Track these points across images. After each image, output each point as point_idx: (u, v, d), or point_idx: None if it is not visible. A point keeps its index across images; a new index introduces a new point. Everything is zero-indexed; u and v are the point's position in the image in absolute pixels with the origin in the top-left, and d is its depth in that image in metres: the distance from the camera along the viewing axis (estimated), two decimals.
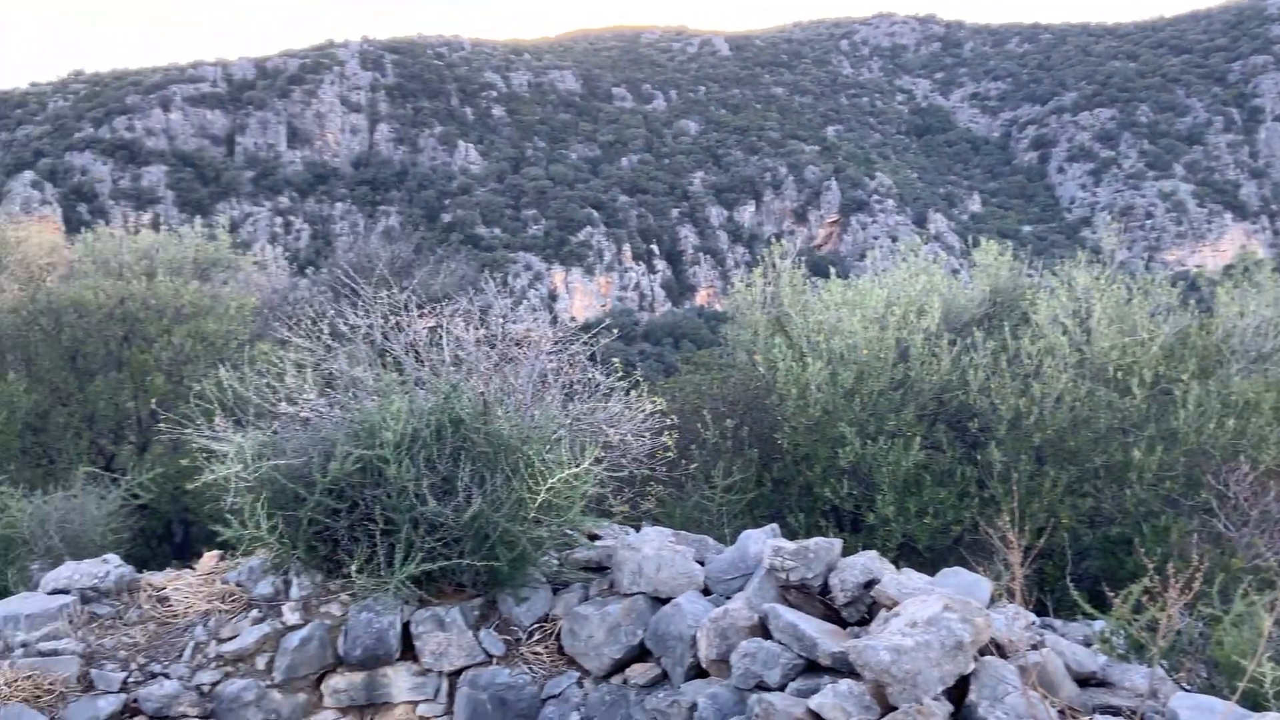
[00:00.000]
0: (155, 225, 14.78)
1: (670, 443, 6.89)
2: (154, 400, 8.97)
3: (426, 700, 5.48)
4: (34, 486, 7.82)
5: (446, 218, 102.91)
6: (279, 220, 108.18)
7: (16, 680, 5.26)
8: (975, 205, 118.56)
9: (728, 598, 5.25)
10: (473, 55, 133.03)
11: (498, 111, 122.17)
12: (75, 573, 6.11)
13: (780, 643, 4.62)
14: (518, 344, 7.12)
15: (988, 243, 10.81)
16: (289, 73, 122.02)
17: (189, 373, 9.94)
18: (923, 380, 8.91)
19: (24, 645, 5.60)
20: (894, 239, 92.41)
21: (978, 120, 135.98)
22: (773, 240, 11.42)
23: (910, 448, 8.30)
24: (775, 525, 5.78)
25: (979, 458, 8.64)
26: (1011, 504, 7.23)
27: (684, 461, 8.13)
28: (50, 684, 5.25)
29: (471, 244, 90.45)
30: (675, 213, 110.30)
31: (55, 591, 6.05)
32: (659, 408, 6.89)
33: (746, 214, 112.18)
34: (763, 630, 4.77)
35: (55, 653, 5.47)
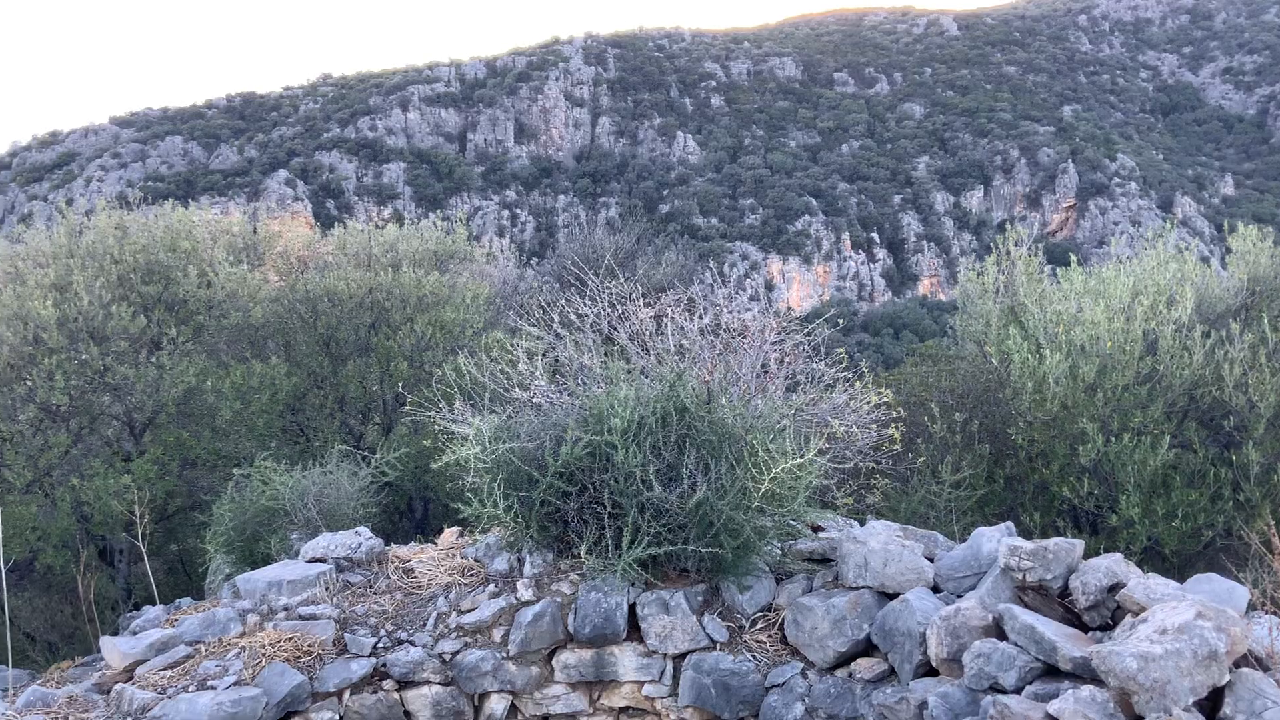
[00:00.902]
0: (395, 219, 15.65)
1: (896, 436, 6.75)
2: (402, 384, 9.53)
3: (652, 681, 5.60)
4: (293, 462, 8.46)
5: (664, 208, 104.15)
6: (505, 213, 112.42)
7: (279, 641, 5.70)
8: (1228, 188, 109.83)
9: (958, 596, 5.10)
10: (692, 46, 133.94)
11: (716, 101, 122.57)
12: (331, 543, 6.58)
13: (1016, 644, 4.46)
14: (740, 334, 7.16)
15: (1246, 228, 10.00)
16: (517, 70, 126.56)
17: (429, 359, 10.50)
18: (1173, 375, 8.35)
19: (285, 609, 6.08)
20: (1136, 224, 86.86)
21: (1230, 97, 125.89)
22: (1008, 226, 10.95)
23: (1158, 446, 7.80)
24: (1009, 524, 5.57)
25: (1234, 458, 8.03)
26: (1271, 507, 6.70)
27: (910, 455, 7.96)
28: (309, 646, 5.66)
29: (689, 234, 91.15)
30: (898, 199, 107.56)
31: (313, 560, 6.53)
32: (885, 399, 6.76)
33: (974, 200, 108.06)
34: (997, 631, 4.62)
35: (314, 617, 5.90)
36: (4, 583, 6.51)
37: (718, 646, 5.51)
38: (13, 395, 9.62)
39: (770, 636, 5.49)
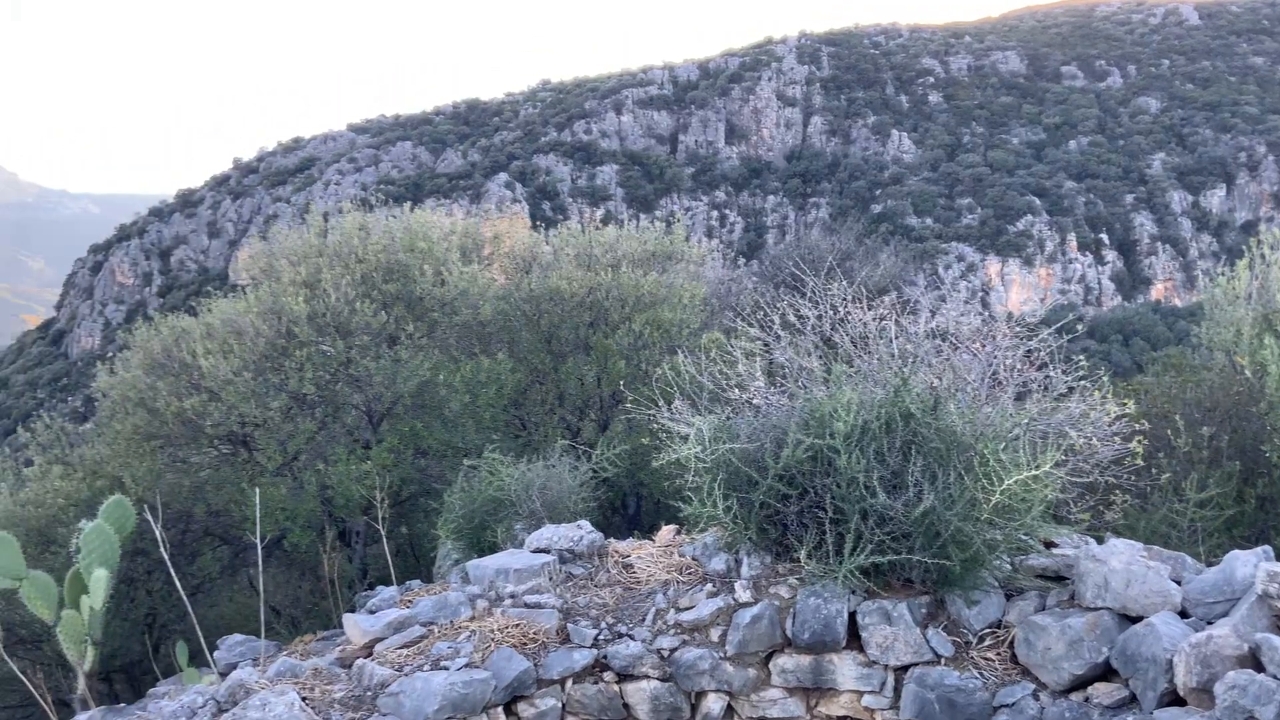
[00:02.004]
0: (606, 220, 15.97)
1: (1139, 450, 6.36)
2: (620, 382, 9.74)
3: (872, 692, 5.49)
4: (517, 455, 8.78)
5: (877, 208, 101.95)
6: (714, 214, 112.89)
7: (507, 626, 5.92)
8: None
9: (1208, 622, 4.77)
10: (910, 42, 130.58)
11: (934, 98, 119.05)
12: (555, 535, 6.79)
13: (1275, 677, 4.13)
14: (969, 338, 6.92)
15: None
16: (729, 72, 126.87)
17: (645, 358, 10.68)
18: None
19: (512, 596, 6.31)
20: None
21: None
22: (1259, 227, 10.12)
23: None
24: (1267, 548, 5.15)
25: None
26: None
27: (1151, 471, 7.48)
28: (534, 633, 5.85)
29: (902, 234, 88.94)
30: (1129, 198, 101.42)
31: (537, 550, 6.75)
32: (1126, 411, 6.38)
33: (1215, 199, 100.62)
34: (1252, 661, 4.30)
35: (539, 606, 6.10)
36: (260, 559, 7.05)
37: (942, 661, 5.35)
38: (267, 384, 10.41)
39: (999, 654, 5.29)
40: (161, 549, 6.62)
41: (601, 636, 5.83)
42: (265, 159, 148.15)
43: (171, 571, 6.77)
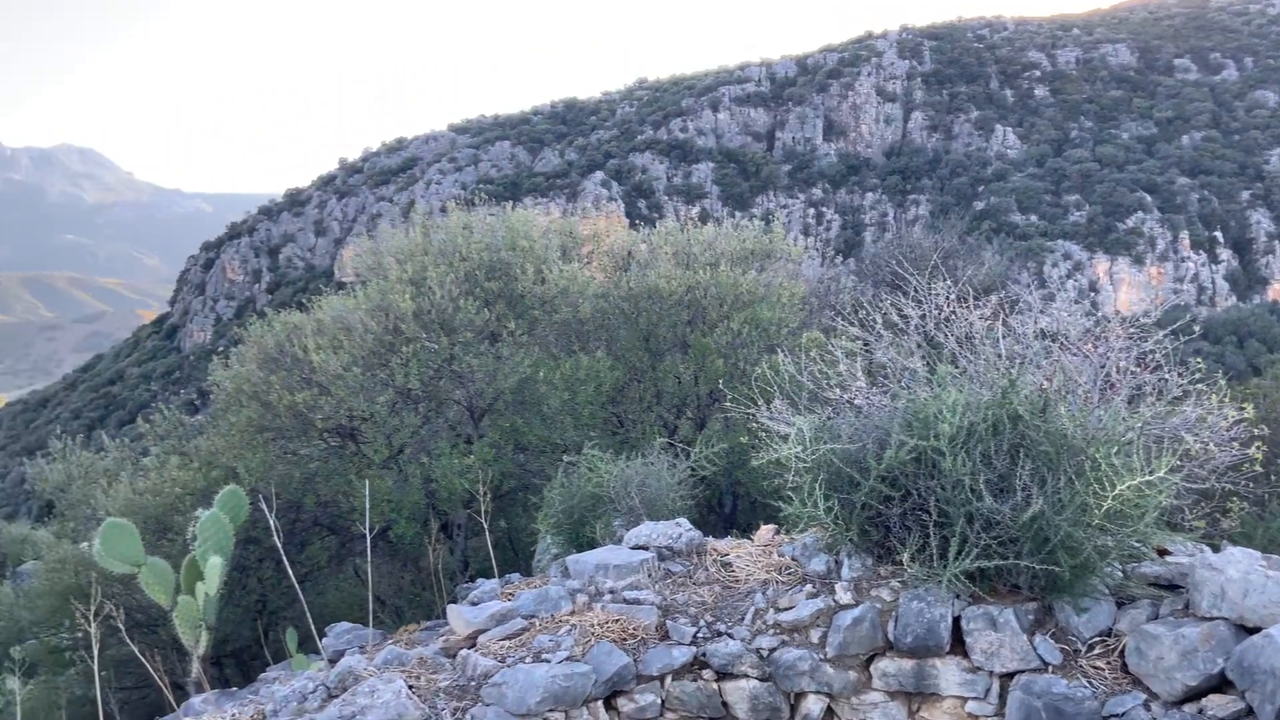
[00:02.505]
0: (703, 219, 15.95)
1: (1258, 456, 6.13)
2: (720, 380, 9.74)
3: (976, 698, 5.40)
4: (616, 452, 8.85)
5: (979, 205, 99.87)
6: (811, 211, 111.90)
7: (606, 622, 5.98)
8: None
9: None
10: (1015, 35, 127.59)
11: (1040, 92, 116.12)
12: (653, 532, 6.82)
13: None
14: (1080, 339, 6.75)
15: None
16: (828, 68, 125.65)
17: (743, 356, 10.66)
18: None
19: (611, 591, 6.36)
20: None
21: None
22: None
23: None
24: None
25: None
26: None
27: (1270, 477, 7.21)
28: (634, 629, 5.89)
29: (1005, 232, 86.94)
30: (1245, 195, 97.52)
31: (636, 547, 6.79)
32: (1245, 416, 6.16)
33: None
34: None
35: (638, 602, 6.14)
36: (369, 549, 7.24)
37: (1050, 669, 5.23)
38: (374, 379, 10.69)
39: (1109, 663, 5.15)
40: (274, 538, 6.84)
41: (700, 634, 5.85)
42: (370, 159, 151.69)
43: (284, 559, 6.99)
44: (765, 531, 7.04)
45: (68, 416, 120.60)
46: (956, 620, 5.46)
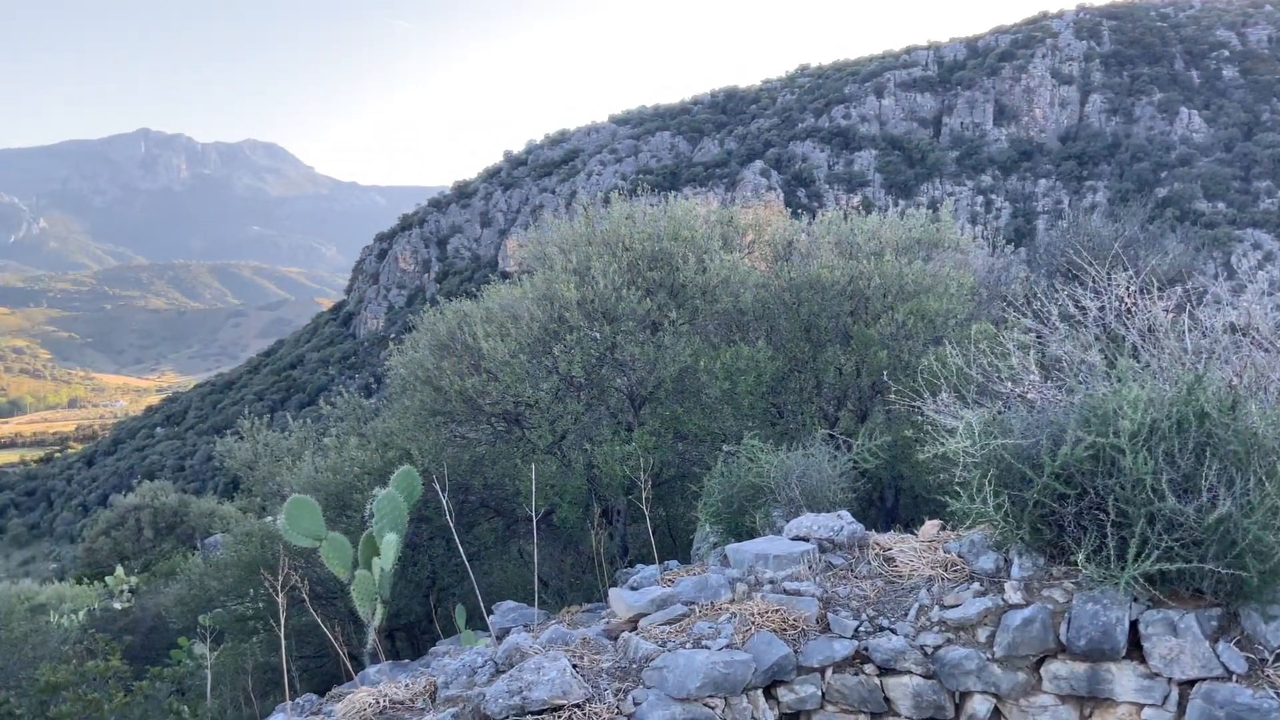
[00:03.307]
0: (864, 207, 15.68)
1: None
2: (884, 372, 9.60)
3: (1153, 705, 5.17)
4: (776, 443, 8.83)
5: (1161, 192, 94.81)
6: (979, 199, 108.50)
7: (767, 611, 5.98)
8: None
9: None
10: (1201, 13, 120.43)
11: (1229, 73, 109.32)
12: (814, 524, 6.78)
13: None
14: (1272, 333, 6.37)
15: None
16: (999, 50, 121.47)
17: (907, 349, 10.45)
18: None
19: (771, 582, 6.36)
20: None
21: None
22: None
23: None
24: None
25: None
26: None
27: None
28: (794, 620, 5.88)
29: (1190, 220, 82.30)
30: None
31: (796, 538, 6.76)
32: None
33: None
34: None
35: (798, 593, 6.12)
36: (535, 532, 7.44)
37: (1234, 678, 4.97)
38: (539, 366, 10.96)
39: None
40: (445, 517, 7.10)
41: (862, 628, 5.79)
42: (533, 151, 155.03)
43: (455, 538, 7.26)
44: (930, 527, 6.90)
45: (251, 398, 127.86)
46: (1133, 624, 5.25)
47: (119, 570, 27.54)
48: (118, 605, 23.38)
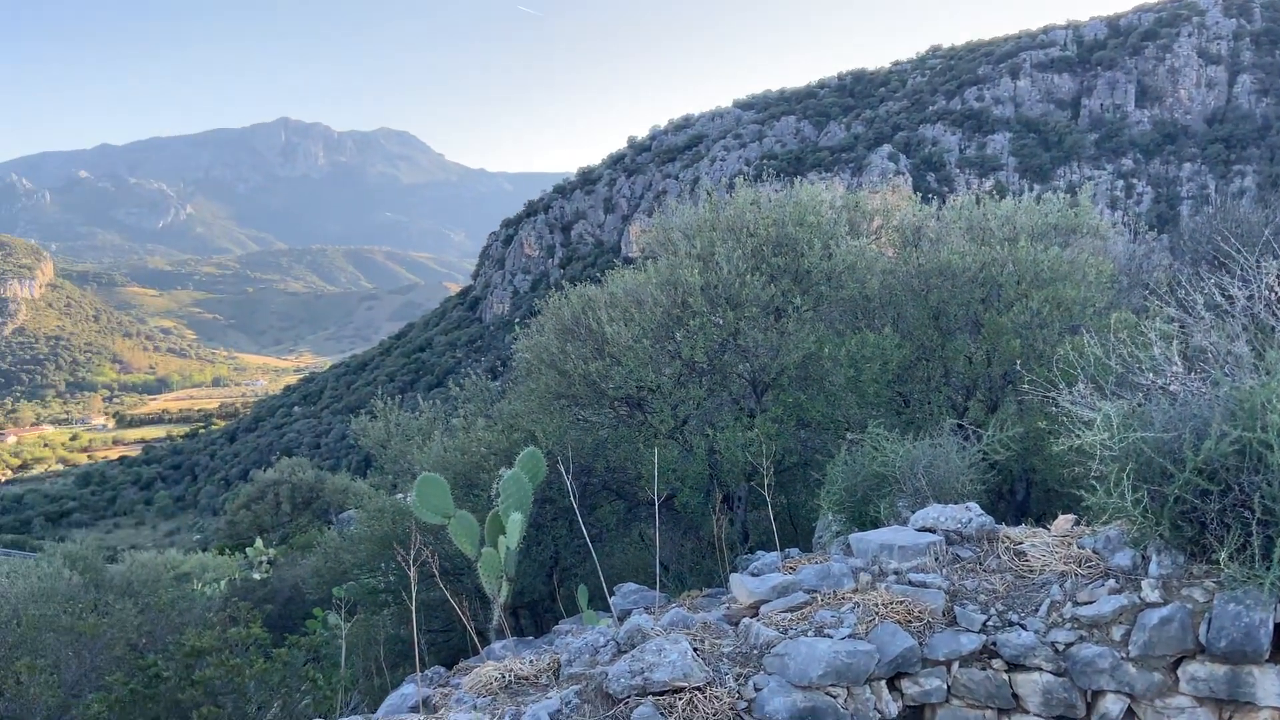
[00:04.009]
0: (997, 192, 15.24)
1: None
2: (1017, 362, 9.35)
3: None
4: (902, 432, 8.69)
5: None
6: (1119, 184, 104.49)
7: (890, 602, 5.91)
8: None
9: None
10: None
11: None
12: (941, 515, 6.66)
13: None
14: None
15: None
16: (1142, 28, 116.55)
17: (1042, 337, 10.15)
18: None
19: (896, 573, 6.28)
20: None
21: None
22: None
23: None
24: None
25: None
26: None
27: None
28: (919, 612, 5.80)
29: None
30: None
31: (922, 529, 6.66)
32: None
33: None
34: None
35: (924, 585, 6.03)
36: (657, 516, 7.50)
37: None
38: (662, 351, 11.02)
39: None
40: (569, 499, 7.22)
41: (990, 623, 5.68)
42: (657, 137, 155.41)
43: (579, 519, 7.37)
44: (1063, 521, 6.71)
45: (383, 379, 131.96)
46: (1278, 626, 5.02)
47: (258, 542, 28.82)
48: (256, 576, 24.48)
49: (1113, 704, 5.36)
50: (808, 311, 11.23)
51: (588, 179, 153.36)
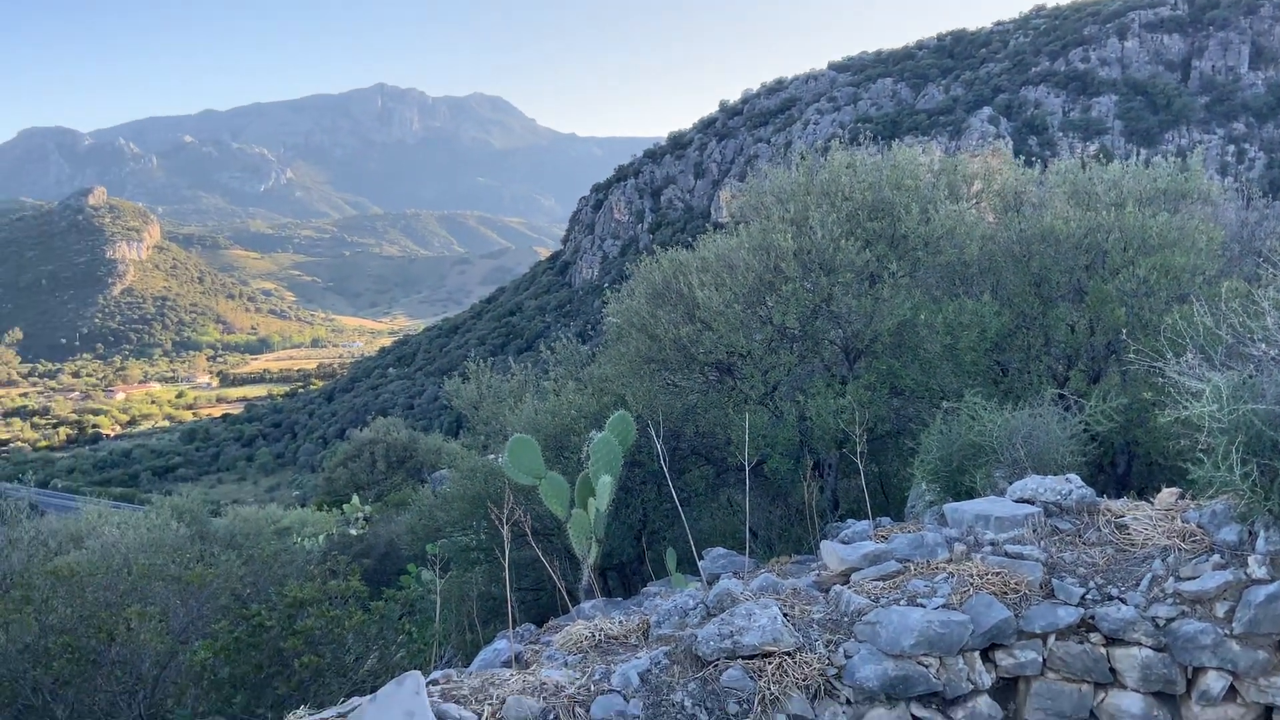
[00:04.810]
0: (1102, 156, 14.74)
1: None
2: (1122, 331, 9.07)
3: None
4: (1000, 402, 8.52)
5: None
6: (1230, 148, 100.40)
7: (986, 573, 5.81)
8: None
9: None
10: None
11: None
12: (1040, 486, 6.53)
13: None
14: None
15: None
16: None
17: (1148, 306, 9.83)
18: None
19: (992, 544, 6.18)
20: None
21: None
22: None
23: None
24: None
25: None
26: None
27: None
28: (1015, 584, 5.69)
29: None
30: None
31: (1020, 500, 6.53)
32: None
33: None
34: None
35: (1020, 556, 5.92)
36: (746, 482, 7.49)
37: None
38: (753, 316, 10.96)
39: None
40: (659, 462, 7.25)
41: (1089, 596, 5.56)
42: (749, 101, 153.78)
43: (670, 483, 7.40)
44: (1167, 495, 6.52)
45: (474, 342, 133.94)
46: None
47: (355, 499, 29.63)
48: (353, 531, 25.17)
49: (1214, 681, 5.22)
50: (903, 277, 11.03)
51: (678, 144, 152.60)
